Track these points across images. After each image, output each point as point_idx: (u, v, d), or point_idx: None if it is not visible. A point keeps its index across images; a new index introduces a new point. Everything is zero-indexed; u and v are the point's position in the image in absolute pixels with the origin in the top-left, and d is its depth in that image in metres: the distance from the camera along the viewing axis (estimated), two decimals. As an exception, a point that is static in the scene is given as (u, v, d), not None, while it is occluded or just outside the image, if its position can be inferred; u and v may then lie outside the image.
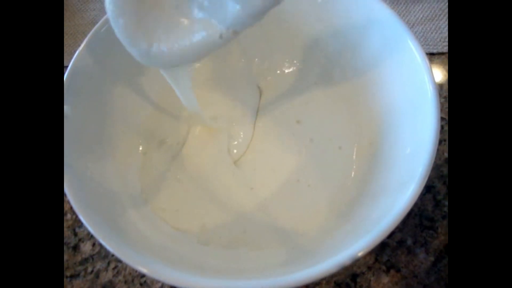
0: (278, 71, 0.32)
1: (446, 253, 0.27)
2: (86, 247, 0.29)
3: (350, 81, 0.29)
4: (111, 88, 0.27)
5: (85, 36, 0.26)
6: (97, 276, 0.28)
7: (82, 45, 0.25)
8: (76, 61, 0.25)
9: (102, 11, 0.40)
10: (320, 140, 0.30)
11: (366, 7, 0.26)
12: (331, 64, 0.30)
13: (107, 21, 0.26)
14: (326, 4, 0.27)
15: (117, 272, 0.28)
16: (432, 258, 0.27)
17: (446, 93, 0.34)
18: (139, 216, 0.24)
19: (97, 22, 0.27)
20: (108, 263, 0.29)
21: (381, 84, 0.26)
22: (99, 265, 0.29)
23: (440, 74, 0.35)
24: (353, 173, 0.27)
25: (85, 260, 0.29)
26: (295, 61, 0.32)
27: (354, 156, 0.28)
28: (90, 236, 0.30)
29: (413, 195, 0.19)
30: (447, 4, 0.37)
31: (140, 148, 0.29)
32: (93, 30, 0.26)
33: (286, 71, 0.32)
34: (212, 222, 0.27)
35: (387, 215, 0.18)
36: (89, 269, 0.28)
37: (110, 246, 0.19)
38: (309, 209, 0.27)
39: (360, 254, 0.18)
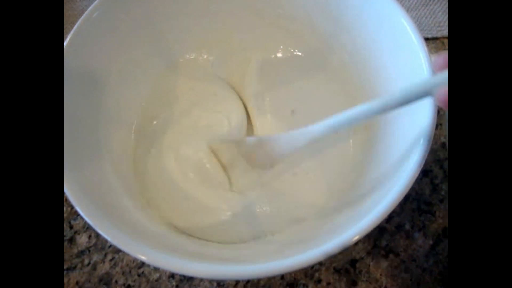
0: (273, 57, 0.32)
1: (444, 236, 0.28)
2: (82, 239, 0.29)
3: (346, 65, 0.29)
4: (103, 77, 0.27)
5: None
6: (94, 268, 0.28)
7: (69, 37, 0.24)
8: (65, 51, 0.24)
9: (93, 1, 0.39)
10: None
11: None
12: (326, 48, 0.29)
13: (95, 9, 0.25)
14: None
15: (115, 264, 0.28)
16: (430, 242, 0.27)
17: (441, 78, 0.34)
18: (134, 206, 0.24)
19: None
20: (105, 255, 0.28)
21: (377, 68, 0.26)
22: (96, 257, 0.28)
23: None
24: (350, 158, 0.27)
25: (82, 252, 0.29)
26: (290, 47, 0.32)
27: (351, 141, 0.28)
28: (86, 228, 0.29)
29: (409, 179, 0.19)
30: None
31: (132, 137, 0.29)
32: (81, 19, 0.25)
33: (281, 57, 0.32)
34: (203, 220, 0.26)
35: (382, 200, 0.18)
36: (86, 261, 0.28)
37: (108, 236, 0.19)
38: (309, 196, 0.27)
39: (355, 239, 0.18)
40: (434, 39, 0.35)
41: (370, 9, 0.25)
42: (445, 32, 0.35)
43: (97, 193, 0.22)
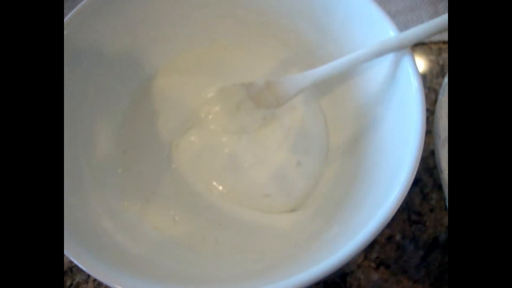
0: (260, 68, 0.31)
1: (435, 246, 0.27)
2: (65, 259, 0.28)
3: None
4: (82, 95, 0.26)
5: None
6: (77, 289, 0.27)
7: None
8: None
9: (72, 9, 0.38)
10: (299, 135, 0.29)
11: (347, -1, 0.25)
12: (313, 58, 0.29)
13: (69, 22, 0.24)
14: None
15: (98, 284, 0.27)
16: (421, 253, 0.27)
17: (429, 84, 0.33)
18: (116, 226, 0.23)
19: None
20: (88, 276, 0.27)
21: (364, 77, 0.25)
22: (78, 277, 0.27)
23: (422, 64, 0.34)
24: (338, 171, 0.27)
25: (64, 273, 0.27)
26: (276, 56, 0.31)
27: (336, 154, 0.27)
28: (68, 248, 0.28)
29: (401, 192, 0.18)
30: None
31: (123, 150, 0.28)
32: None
33: (268, 67, 0.31)
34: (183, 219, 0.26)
35: (375, 216, 0.18)
36: (68, 283, 0.27)
37: (83, 264, 0.18)
38: (289, 206, 0.26)
39: (350, 257, 0.17)
40: (422, 44, 0.35)
41: (357, 20, 0.24)
42: (432, 37, 0.35)
43: (73, 216, 0.21)
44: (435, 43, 0.35)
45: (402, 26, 0.36)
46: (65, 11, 0.38)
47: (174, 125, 0.29)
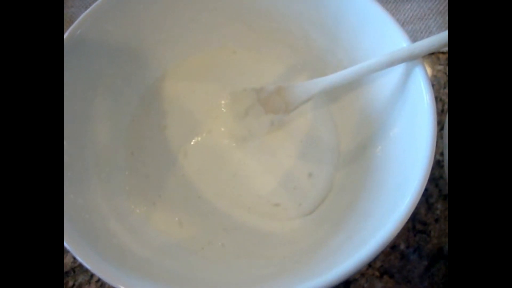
0: (269, 73, 0.31)
1: (439, 257, 0.27)
2: (67, 260, 0.28)
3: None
4: (92, 95, 0.26)
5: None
6: (79, 290, 0.27)
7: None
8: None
9: (81, 8, 0.38)
10: (310, 142, 0.29)
11: (358, 7, 0.25)
12: (322, 65, 0.29)
13: (83, 22, 0.24)
14: (317, 5, 0.26)
15: (101, 286, 0.27)
16: (425, 263, 0.27)
17: (436, 93, 0.33)
18: (122, 228, 0.23)
19: (75, 21, 0.25)
20: (91, 276, 0.27)
21: (374, 85, 0.26)
22: (81, 278, 0.27)
23: (429, 73, 0.34)
24: (346, 178, 0.27)
25: (66, 273, 0.27)
26: (285, 62, 0.31)
27: (345, 161, 0.27)
28: (71, 248, 0.28)
29: (411, 204, 0.18)
30: (436, 3, 0.36)
31: (130, 152, 0.28)
32: (67, 33, 0.24)
33: (277, 72, 0.31)
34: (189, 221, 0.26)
35: (386, 225, 0.18)
36: (70, 283, 0.27)
37: (88, 262, 0.18)
38: (300, 216, 0.26)
39: (358, 267, 0.17)
40: (429, 54, 0.35)
41: (368, 29, 0.24)
42: (440, 47, 0.35)
43: (80, 217, 0.21)
44: (443, 53, 0.35)
45: (410, 35, 0.36)
46: (65, 10, 0.39)
47: (182, 128, 0.29)
